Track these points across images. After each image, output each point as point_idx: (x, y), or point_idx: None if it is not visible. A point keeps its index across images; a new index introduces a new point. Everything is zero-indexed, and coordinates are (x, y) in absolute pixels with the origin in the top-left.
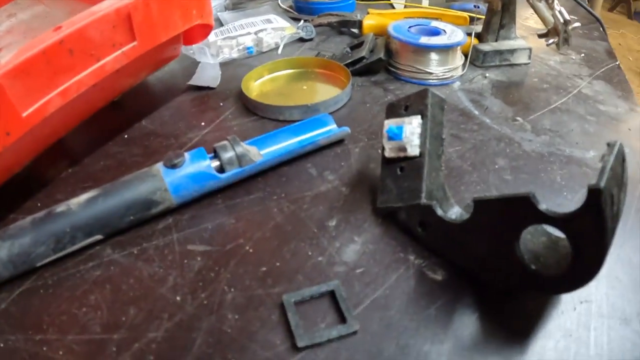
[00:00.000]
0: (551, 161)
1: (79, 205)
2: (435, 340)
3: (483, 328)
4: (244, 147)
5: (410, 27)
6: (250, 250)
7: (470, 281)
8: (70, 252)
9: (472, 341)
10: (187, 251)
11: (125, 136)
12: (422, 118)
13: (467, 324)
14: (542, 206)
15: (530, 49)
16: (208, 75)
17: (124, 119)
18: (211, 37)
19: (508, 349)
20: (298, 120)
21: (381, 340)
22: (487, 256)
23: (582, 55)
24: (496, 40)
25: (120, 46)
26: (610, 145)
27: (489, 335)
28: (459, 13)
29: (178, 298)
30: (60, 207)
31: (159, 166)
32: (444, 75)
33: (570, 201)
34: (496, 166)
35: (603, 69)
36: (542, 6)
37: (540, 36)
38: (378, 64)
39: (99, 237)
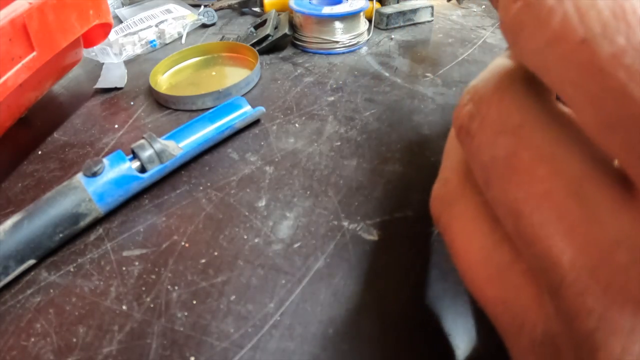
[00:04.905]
0: None
1: (5, 232)
2: (385, 292)
3: (428, 275)
4: (161, 142)
5: None
6: (187, 245)
7: (404, 235)
8: (6, 284)
9: (420, 287)
10: (124, 258)
11: (39, 152)
12: None
13: (410, 275)
14: None
15: (432, 7)
16: (114, 75)
17: (34, 134)
18: (112, 35)
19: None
20: (212, 108)
21: (331, 309)
22: None
23: (483, 7)
24: (398, 2)
25: (19, 59)
26: None
27: (435, 280)
28: None
29: (124, 307)
30: None
31: (79, 177)
32: (350, 42)
33: None
34: (413, 123)
35: None
36: None
37: None
38: (284, 40)
39: (32, 262)
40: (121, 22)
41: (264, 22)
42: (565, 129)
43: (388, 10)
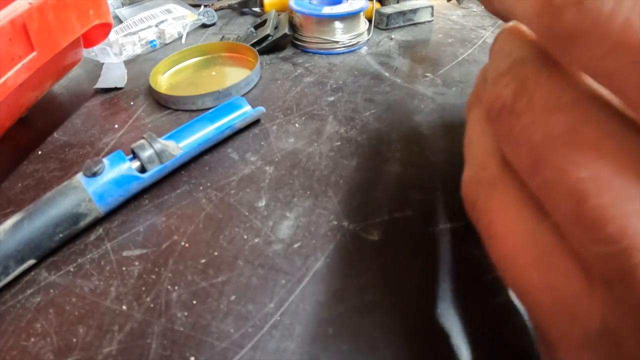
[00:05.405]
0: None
1: (5, 232)
2: (385, 292)
3: (428, 275)
4: (161, 142)
5: None
6: (187, 245)
7: (404, 235)
8: (6, 284)
9: (419, 288)
10: (124, 258)
11: (40, 152)
12: None
13: (410, 275)
14: None
15: (432, 7)
16: (114, 75)
17: (34, 134)
18: (112, 35)
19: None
20: (212, 108)
21: (331, 309)
22: None
23: (483, 7)
24: (398, 2)
25: (19, 59)
26: None
27: (435, 280)
28: None
29: (124, 307)
30: None
31: (79, 177)
32: (350, 42)
33: None
34: (413, 123)
35: None
36: None
37: None
38: (284, 40)
39: (32, 262)
40: (121, 22)
41: (264, 22)
42: (611, 108)
43: (388, 10)
